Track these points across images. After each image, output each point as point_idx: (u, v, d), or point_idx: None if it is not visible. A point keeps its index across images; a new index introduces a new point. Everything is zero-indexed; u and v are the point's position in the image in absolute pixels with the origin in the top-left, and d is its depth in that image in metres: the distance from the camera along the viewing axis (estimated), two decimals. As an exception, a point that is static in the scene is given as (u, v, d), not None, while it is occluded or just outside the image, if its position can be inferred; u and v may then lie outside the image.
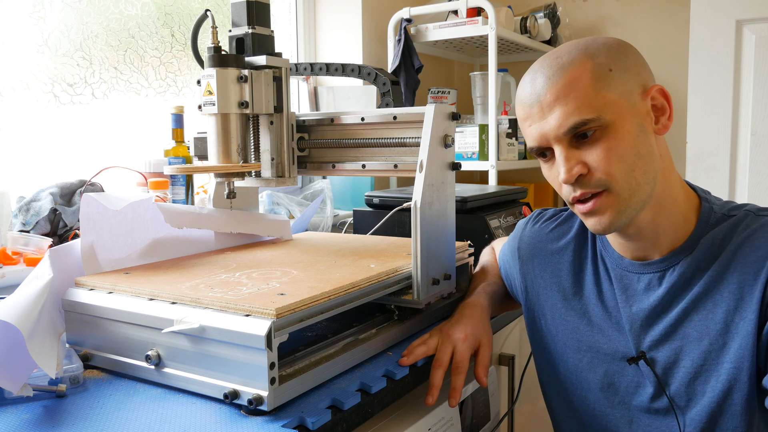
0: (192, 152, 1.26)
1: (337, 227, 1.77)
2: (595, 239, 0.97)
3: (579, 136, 0.81)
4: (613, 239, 0.92)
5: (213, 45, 1.01)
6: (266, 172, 1.10)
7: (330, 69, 1.26)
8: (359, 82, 2.17)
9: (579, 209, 0.84)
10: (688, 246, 0.86)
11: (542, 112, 0.82)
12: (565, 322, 0.97)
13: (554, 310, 0.98)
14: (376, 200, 1.53)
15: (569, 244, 0.99)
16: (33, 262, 1.15)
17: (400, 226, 1.44)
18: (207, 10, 1.06)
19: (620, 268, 0.91)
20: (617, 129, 0.80)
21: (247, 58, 1.05)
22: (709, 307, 0.83)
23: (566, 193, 0.84)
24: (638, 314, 0.88)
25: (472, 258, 1.18)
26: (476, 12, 2.14)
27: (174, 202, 1.46)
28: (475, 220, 1.43)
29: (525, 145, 2.41)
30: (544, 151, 0.85)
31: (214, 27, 1.03)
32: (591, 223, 0.85)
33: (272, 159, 1.10)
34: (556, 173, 0.84)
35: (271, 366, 0.71)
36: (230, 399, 0.72)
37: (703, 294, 0.83)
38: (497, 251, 1.20)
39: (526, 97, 0.84)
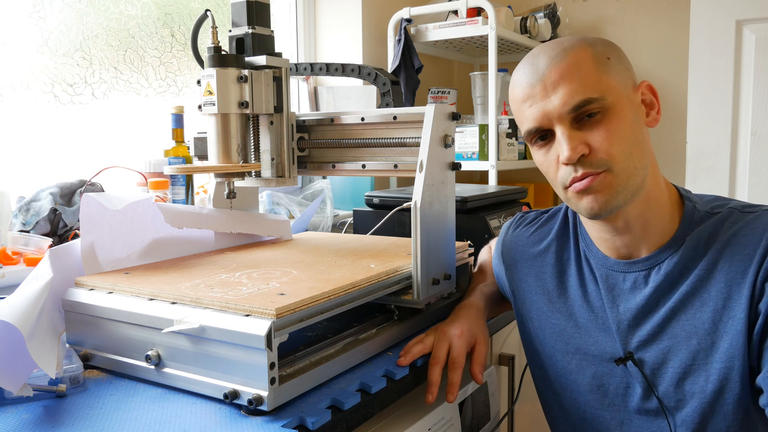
0: (192, 152, 1.26)
1: (337, 227, 1.77)
2: (578, 239, 0.96)
3: (581, 117, 0.81)
4: (598, 237, 0.91)
5: (213, 45, 1.01)
6: (266, 172, 1.10)
7: (330, 69, 1.26)
8: (359, 82, 2.17)
9: (575, 188, 0.83)
10: (673, 244, 0.86)
11: (545, 92, 0.81)
12: (552, 325, 0.97)
13: (540, 314, 0.98)
14: (376, 200, 1.53)
15: (550, 245, 0.99)
16: (33, 262, 1.15)
17: (400, 226, 1.44)
18: (207, 10, 1.06)
19: (605, 267, 0.91)
20: (618, 112, 0.80)
21: (247, 58, 1.05)
22: (697, 306, 0.83)
23: (564, 175, 0.83)
24: (625, 314, 0.88)
25: (472, 258, 1.18)
26: (476, 12, 2.14)
27: (174, 202, 1.46)
28: (475, 220, 1.43)
29: (525, 146, 2.42)
30: (544, 134, 0.84)
31: (214, 27, 1.03)
32: (586, 203, 0.83)
33: (272, 159, 1.10)
34: (554, 156, 0.83)
35: (271, 366, 0.71)
36: (230, 399, 0.72)
37: (690, 293, 0.83)
38: (494, 250, 1.20)
39: (527, 78, 0.83)
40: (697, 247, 0.84)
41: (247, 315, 0.73)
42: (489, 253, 1.23)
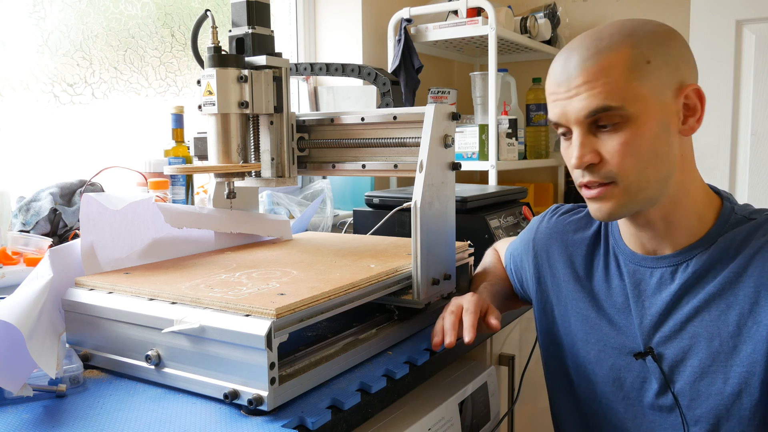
0: (192, 152, 1.26)
1: (337, 227, 1.77)
2: (608, 235, 0.97)
3: (600, 122, 0.80)
4: (625, 230, 0.92)
5: (213, 45, 1.01)
6: (266, 172, 1.10)
7: (330, 69, 1.26)
8: (359, 82, 2.17)
9: (584, 194, 0.85)
10: (704, 242, 0.85)
11: (568, 93, 0.81)
12: (576, 313, 0.97)
13: (567, 300, 0.98)
14: (376, 200, 1.53)
15: (585, 239, 0.99)
16: (33, 262, 1.15)
17: (400, 226, 1.44)
18: (207, 10, 1.06)
19: (633, 263, 0.91)
20: (639, 124, 0.79)
21: (247, 58, 1.05)
22: (722, 308, 0.82)
23: (576, 176, 0.85)
24: (649, 310, 0.88)
25: (472, 258, 1.18)
26: (476, 12, 2.14)
27: (174, 202, 1.46)
28: (475, 220, 1.43)
29: (525, 146, 2.42)
30: (565, 131, 0.85)
31: (214, 27, 1.03)
32: (592, 209, 0.85)
33: (272, 159, 1.10)
34: (570, 155, 0.84)
35: (271, 366, 0.71)
36: (230, 399, 0.72)
37: (716, 294, 0.83)
38: (501, 252, 1.20)
39: (557, 74, 0.83)
40: (728, 249, 0.84)
41: (247, 315, 0.73)
42: (494, 254, 1.22)
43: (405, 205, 1.30)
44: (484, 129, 2.11)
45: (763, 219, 0.85)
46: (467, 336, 0.89)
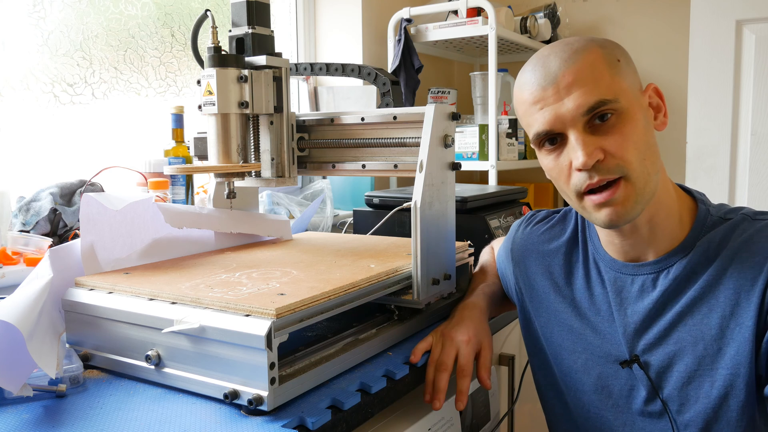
0: (192, 152, 1.26)
1: (337, 227, 1.77)
2: (586, 243, 0.96)
3: (595, 120, 0.78)
4: (606, 240, 0.91)
5: (213, 45, 1.01)
6: (266, 172, 1.10)
7: (330, 69, 1.26)
8: (359, 82, 2.17)
9: (593, 200, 0.80)
10: (684, 248, 0.85)
11: (558, 94, 0.79)
12: (560, 323, 0.96)
13: (549, 311, 0.98)
14: (376, 200, 1.53)
15: (561, 247, 0.99)
16: (33, 262, 1.15)
17: (400, 226, 1.44)
18: (207, 10, 1.06)
19: (614, 270, 0.91)
20: (631, 116, 0.79)
21: (247, 58, 1.05)
22: (704, 311, 0.82)
23: (579, 182, 0.80)
24: (632, 318, 0.88)
25: (472, 258, 1.18)
26: (476, 12, 2.14)
27: (174, 202, 1.46)
28: (475, 220, 1.43)
29: (525, 146, 2.42)
30: (554, 137, 0.82)
31: (214, 27, 1.03)
32: (605, 214, 0.80)
33: (272, 159, 1.10)
34: (566, 162, 0.81)
35: (271, 366, 0.71)
36: (230, 399, 0.72)
37: (698, 298, 0.83)
38: (496, 251, 1.20)
39: (537, 80, 0.81)
40: (707, 252, 0.83)
41: (247, 315, 0.73)
42: (491, 253, 1.22)
43: (405, 205, 1.30)
44: (484, 129, 2.11)
45: (739, 218, 0.85)
46: (460, 404, 0.90)
